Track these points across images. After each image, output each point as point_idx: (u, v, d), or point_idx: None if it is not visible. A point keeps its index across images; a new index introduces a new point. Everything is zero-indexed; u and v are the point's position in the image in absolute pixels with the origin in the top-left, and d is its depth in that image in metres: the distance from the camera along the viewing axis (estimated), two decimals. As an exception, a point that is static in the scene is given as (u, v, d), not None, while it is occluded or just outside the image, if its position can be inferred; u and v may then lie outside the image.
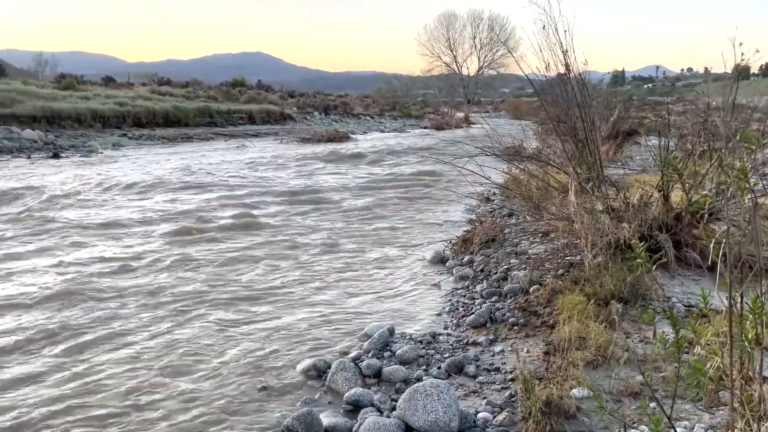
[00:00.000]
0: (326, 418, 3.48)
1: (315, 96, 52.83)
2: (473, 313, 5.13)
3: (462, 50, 57.19)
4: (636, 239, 4.74)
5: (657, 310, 4.46)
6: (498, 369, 4.10)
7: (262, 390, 4.01)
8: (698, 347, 3.47)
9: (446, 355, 4.36)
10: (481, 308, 5.18)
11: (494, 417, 3.40)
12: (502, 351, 4.41)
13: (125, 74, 59.22)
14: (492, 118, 28.66)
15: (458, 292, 5.93)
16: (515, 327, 4.75)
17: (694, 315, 4.13)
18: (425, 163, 16.25)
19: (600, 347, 3.85)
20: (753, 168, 2.19)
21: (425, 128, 40.36)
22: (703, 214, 5.29)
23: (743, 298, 2.25)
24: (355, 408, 3.66)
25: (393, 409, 3.53)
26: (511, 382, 3.82)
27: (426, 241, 8.09)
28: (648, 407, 3.05)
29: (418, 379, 3.90)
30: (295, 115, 38.77)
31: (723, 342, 2.87)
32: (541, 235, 6.83)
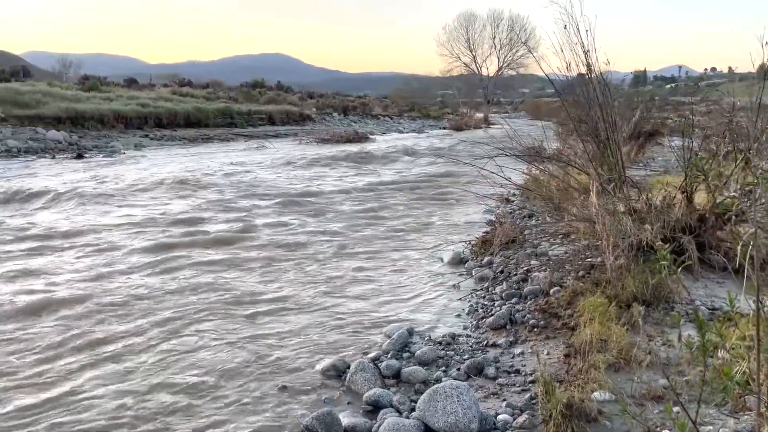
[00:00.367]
0: (345, 418, 3.49)
1: (334, 97, 53.01)
2: (493, 315, 5.10)
3: (481, 50, 57.01)
4: (659, 241, 4.69)
5: (681, 313, 4.39)
6: (518, 371, 4.08)
7: (282, 390, 4.02)
8: (723, 351, 3.41)
9: (466, 357, 4.35)
10: (501, 310, 5.15)
11: (514, 419, 3.38)
12: (522, 353, 4.38)
13: (147, 75, 59.97)
14: (511, 119, 28.51)
15: (477, 294, 5.90)
16: (535, 329, 4.71)
17: (719, 318, 4.08)
18: (444, 164, 16.20)
19: (622, 350, 3.80)
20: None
21: (444, 129, 40.29)
22: (730, 216, 5.20)
23: (771, 301, 2.20)
24: (375, 408, 3.66)
25: (412, 410, 3.52)
26: (532, 385, 3.79)
27: (445, 242, 8.06)
28: (672, 411, 3.00)
29: (438, 381, 3.89)
30: (315, 116, 38.95)
31: (749, 346, 2.82)
32: (562, 237, 6.76)
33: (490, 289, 5.91)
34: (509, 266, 6.36)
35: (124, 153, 20.87)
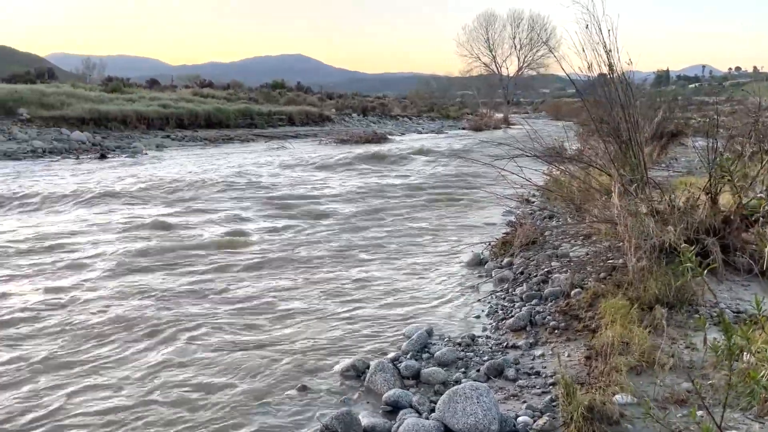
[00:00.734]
0: (365, 419, 3.49)
1: (353, 97, 53.15)
2: (513, 316, 5.07)
3: (501, 50, 56.84)
4: (682, 243, 4.63)
5: (704, 316, 4.33)
6: (538, 373, 4.05)
7: (302, 390, 4.04)
8: (749, 354, 3.36)
9: (485, 358, 4.33)
10: (521, 311, 5.11)
11: (534, 421, 3.36)
12: (543, 355, 4.34)
13: (169, 77, 60.63)
14: (531, 119, 28.33)
15: (497, 295, 5.87)
16: (556, 331, 4.67)
17: (745, 321, 4.01)
18: (463, 165, 16.16)
19: (644, 353, 3.75)
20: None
21: (463, 129, 40.17)
22: (757, 218, 5.11)
23: (799, 305, 2.17)
24: (394, 409, 3.66)
25: (432, 411, 3.51)
26: (552, 387, 3.76)
27: (464, 244, 8.03)
28: (696, 415, 2.96)
29: (457, 382, 3.87)
30: (334, 117, 39.10)
31: (776, 350, 2.77)
32: (583, 238, 6.70)
33: (510, 291, 5.88)
34: (529, 267, 6.32)
35: (146, 153, 21.15)
